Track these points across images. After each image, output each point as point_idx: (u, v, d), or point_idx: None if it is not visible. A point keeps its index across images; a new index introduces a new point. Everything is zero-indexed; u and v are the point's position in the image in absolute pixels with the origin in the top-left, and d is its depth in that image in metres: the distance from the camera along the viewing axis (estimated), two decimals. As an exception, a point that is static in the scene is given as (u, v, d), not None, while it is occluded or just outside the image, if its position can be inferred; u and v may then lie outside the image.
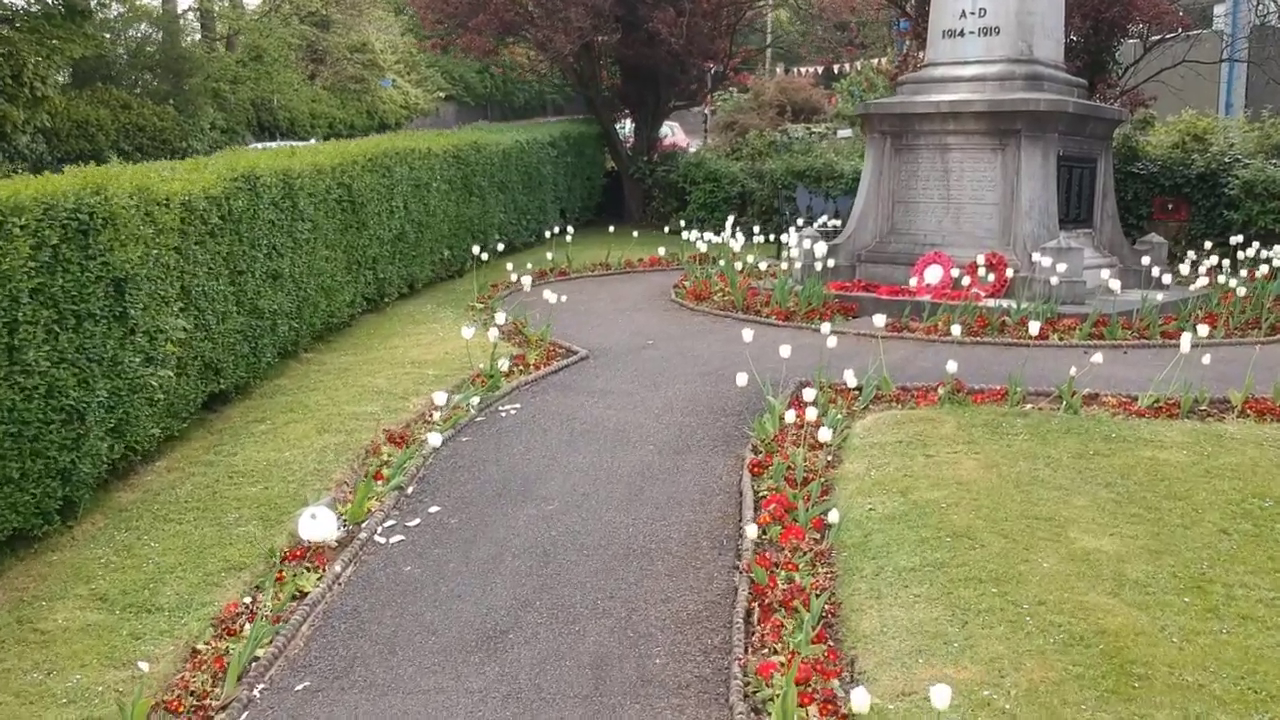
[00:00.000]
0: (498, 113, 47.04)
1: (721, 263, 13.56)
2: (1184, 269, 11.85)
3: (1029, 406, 8.25)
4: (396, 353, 10.31)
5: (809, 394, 7.14)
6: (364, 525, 6.46)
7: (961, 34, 12.75)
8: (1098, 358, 8.15)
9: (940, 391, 8.35)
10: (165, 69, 28.14)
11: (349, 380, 9.32)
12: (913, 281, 12.09)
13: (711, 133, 33.88)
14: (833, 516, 5.92)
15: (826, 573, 5.76)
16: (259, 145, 21.51)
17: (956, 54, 12.82)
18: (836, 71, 36.11)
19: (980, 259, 11.91)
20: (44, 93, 20.06)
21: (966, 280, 11.53)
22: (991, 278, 11.47)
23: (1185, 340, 8.04)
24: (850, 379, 7.75)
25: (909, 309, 11.63)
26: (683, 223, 18.62)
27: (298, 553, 5.97)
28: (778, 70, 38.54)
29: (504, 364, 9.11)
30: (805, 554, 5.80)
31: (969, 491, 6.53)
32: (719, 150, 25.37)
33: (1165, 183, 16.97)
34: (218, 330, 8.18)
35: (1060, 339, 10.60)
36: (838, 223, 16.21)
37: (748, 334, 8.32)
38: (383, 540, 6.33)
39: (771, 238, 16.35)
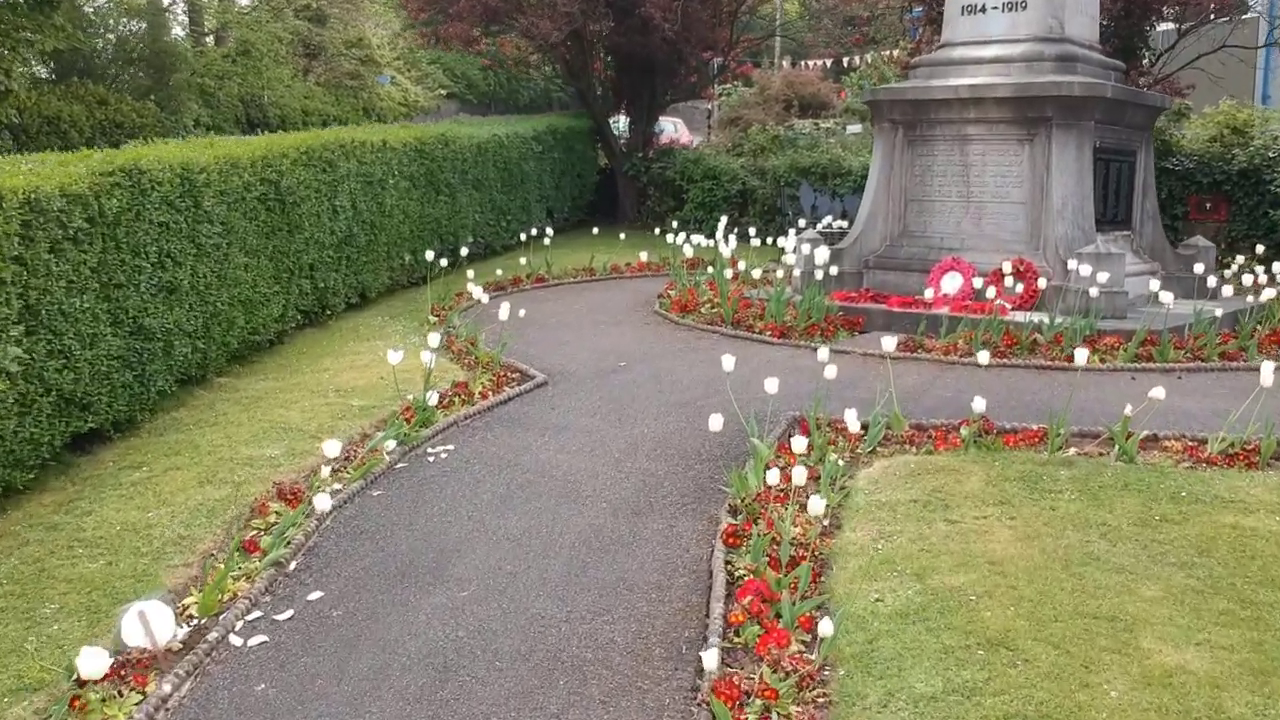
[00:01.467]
0: (502, 110, 45.56)
1: (711, 270, 12.05)
2: (1245, 279, 10.32)
3: (1073, 451, 6.74)
4: (324, 377, 8.83)
5: (799, 444, 5.64)
6: (220, 619, 4.99)
7: (983, 9, 11.22)
8: (1158, 392, 6.59)
9: (964, 432, 6.84)
10: (148, 64, 26.90)
11: (257, 413, 7.84)
12: (928, 292, 10.58)
13: (715, 129, 32.42)
14: (825, 628, 4.42)
15: (818, 696, 4.27)
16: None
17: (977, 32, 11.29)
18: (846, 64, 34.63)
19: (1006, 266, 10.38)
20: (8, 86, 18.78)
21: (990, 291, 10.00)
22: (1020, 288, 9.92)
23: (1266, 370, 6.50)
24: (852, 421, 6.23)
25: (924, 324, 10.13)
26: (674, 224, 17.13)
27: (112, 667, 4.49)
28: (784, 63, 37.01)
29: (433, 397, 7.55)
30: (789, 675, 4.30)
31: (1005, 575, 5.04)
32: (720, 146, 23.86)
33: (1203, 180, 15.44)
34: (83, 356, 6.72)
35: (1101, 360, 9.07)
36: (844, 224, 14.72)
37: (728, 361, 6.78)
38: (239, 642, 4.85)
39: (772, 240, 14.89)
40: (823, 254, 10.50)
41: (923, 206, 11.44)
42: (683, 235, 12.77)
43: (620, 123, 24.50)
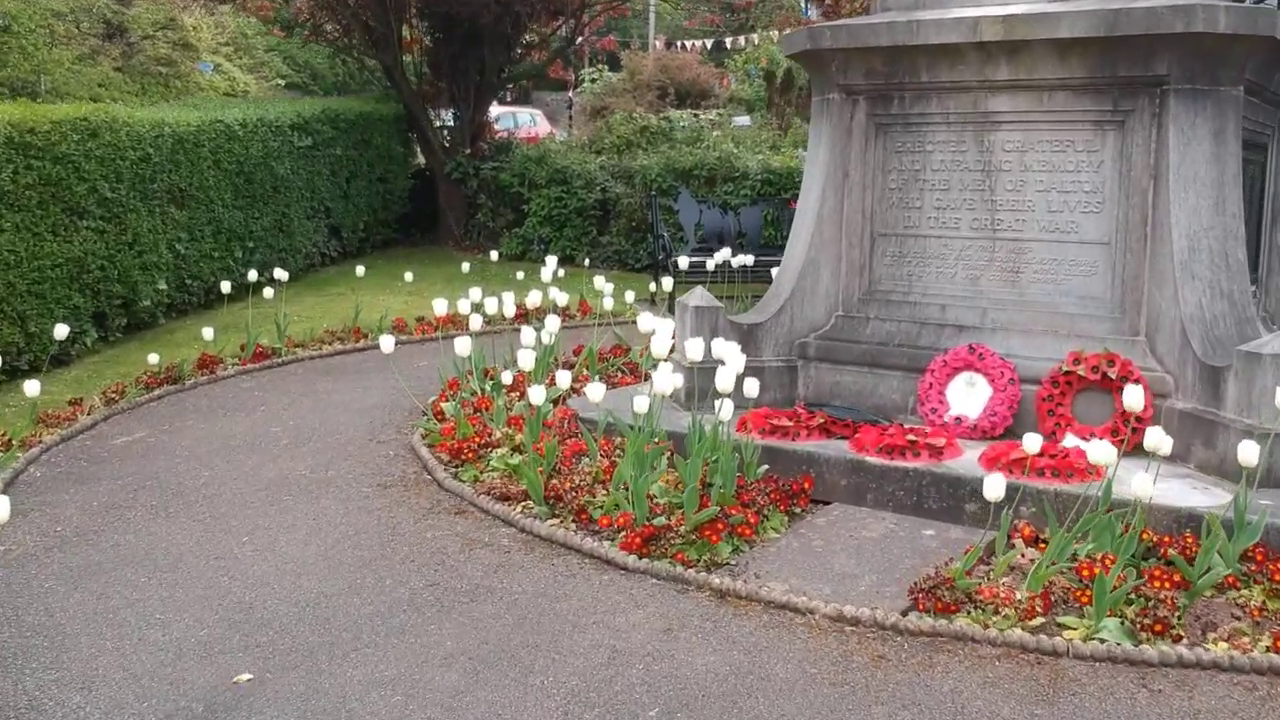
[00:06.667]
0: (352, 101, 40.46)
1: (506, 374, 6.47)
2: None
3: None
4: None
5: None
6: None
7: (1013, -120, 6.04)
8: None
9: None
10: None
11: None
12: (940, 419, 5.36)
13: (577, 120, 27.26)
14: None
15: None
16: None
17: (1003, -77, 6.10)
18: (729, 45, 29.70)
19: (1080, 365, 5.24)
20: None
21: (1079, 441, 4.79)
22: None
23: None
24: None
25: (932, 492, 4.93)
26: (494, 255, 11.71)
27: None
28: (657, 44, 31.91)
29: None
30: None
31: None
32: (573, 141, 18.52)
33: None
34: None
35: (1378, 625, 3.95)
36: (747, 260, 9.44)
37: None
38: None
39: (641, 270, 9.56)
40: (734, 358, 5.11)
41: (907, 246, 6.18)
42: (475, 294, 7.28)
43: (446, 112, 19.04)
